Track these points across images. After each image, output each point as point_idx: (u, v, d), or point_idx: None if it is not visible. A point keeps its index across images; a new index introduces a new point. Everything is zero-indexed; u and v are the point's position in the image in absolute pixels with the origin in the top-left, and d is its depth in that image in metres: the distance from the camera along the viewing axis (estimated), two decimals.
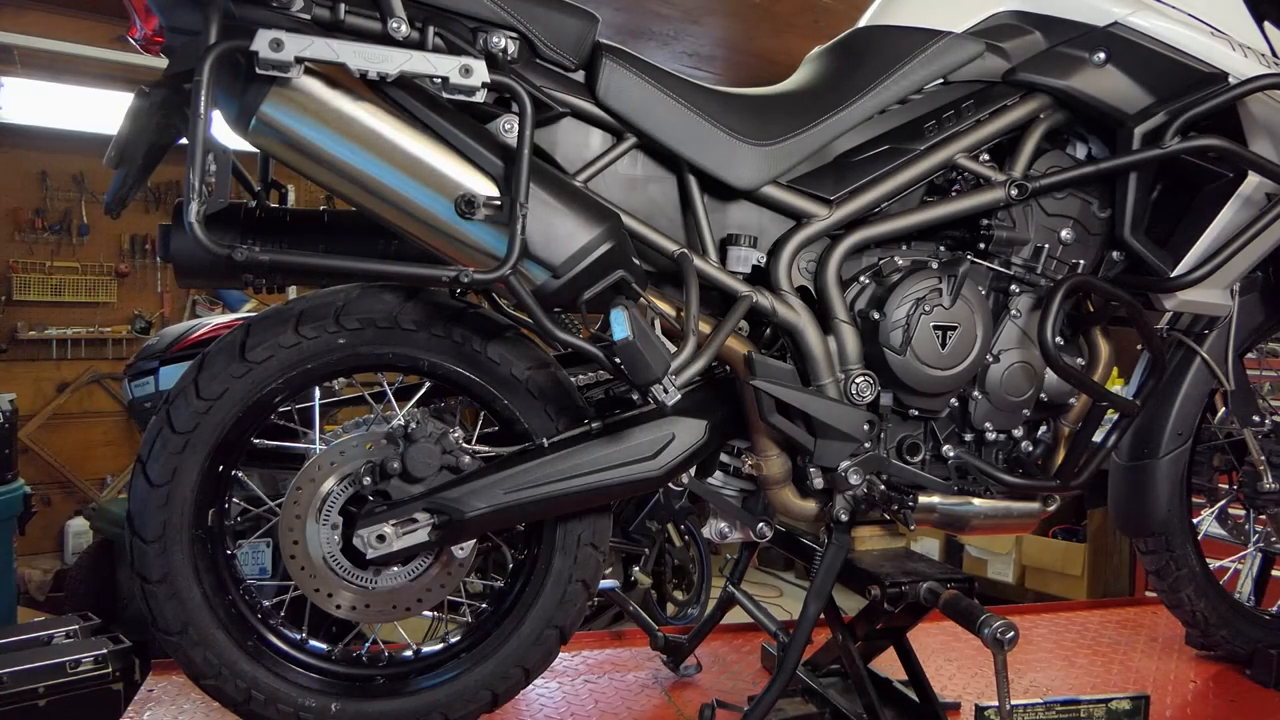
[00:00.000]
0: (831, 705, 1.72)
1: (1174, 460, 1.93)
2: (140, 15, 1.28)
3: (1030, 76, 1.60)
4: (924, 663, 1.68)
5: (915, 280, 1.54)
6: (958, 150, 1.59)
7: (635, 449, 1.48)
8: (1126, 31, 1.60)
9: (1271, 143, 1.67)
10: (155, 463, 1.40)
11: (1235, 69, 1.61)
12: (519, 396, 1.50)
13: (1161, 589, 2.06)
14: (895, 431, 1.60)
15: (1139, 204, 1.64)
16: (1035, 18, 1.62)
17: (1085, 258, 1.67)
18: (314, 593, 1.49)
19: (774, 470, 1.57)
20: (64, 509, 5.87)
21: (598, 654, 2.14)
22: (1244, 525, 2.14)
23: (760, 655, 2.09)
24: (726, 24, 5.49)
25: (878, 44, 1.61)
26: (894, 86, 1.57)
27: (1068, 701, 1.63)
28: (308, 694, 1.48)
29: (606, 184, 1.47)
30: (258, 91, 1.21)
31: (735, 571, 2.03)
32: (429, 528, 1.43)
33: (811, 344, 1.52)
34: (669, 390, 1.31)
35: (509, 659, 1.56)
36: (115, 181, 1.38)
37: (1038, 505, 1.67)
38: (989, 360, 1.61)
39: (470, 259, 1.30)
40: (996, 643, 1.41)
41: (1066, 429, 1.71)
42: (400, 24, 1.22)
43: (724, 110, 1.49)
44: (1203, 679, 2.08)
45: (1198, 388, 1.93)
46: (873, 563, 1.65)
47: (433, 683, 1.55)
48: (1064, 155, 1.67)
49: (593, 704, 1.87)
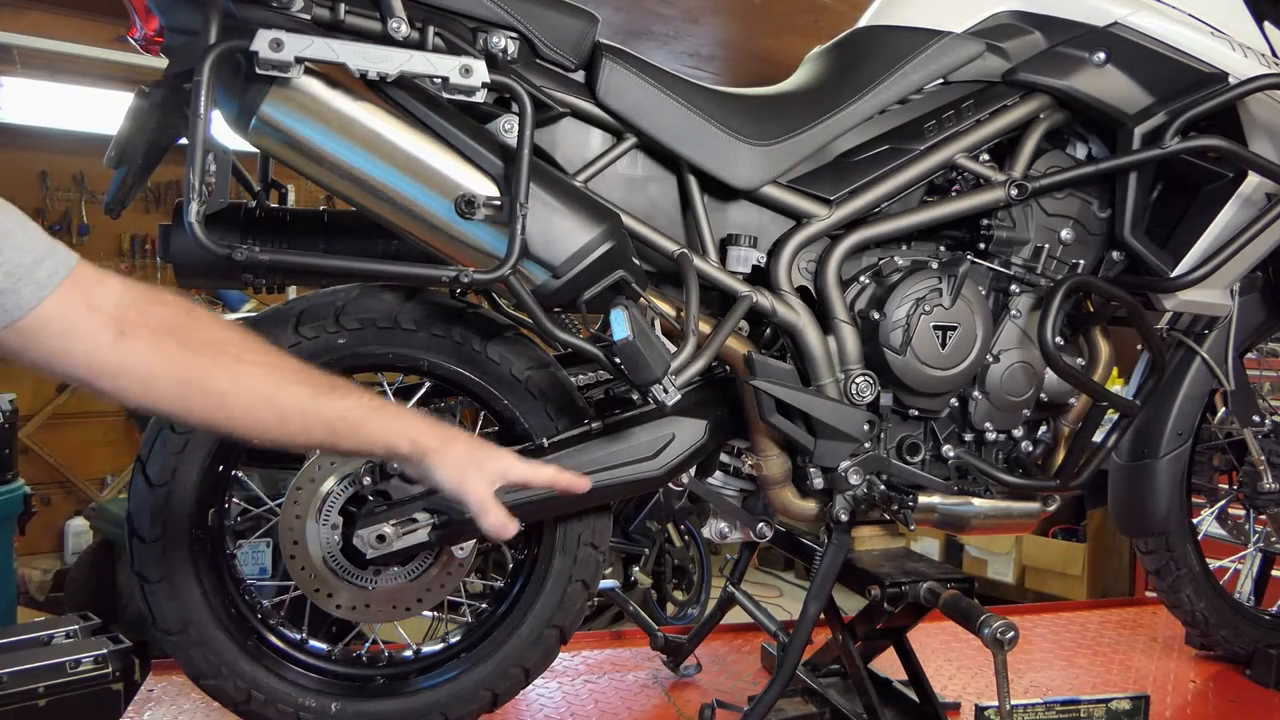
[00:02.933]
0: (831, 705, 1.72)
1: (1174, 460, 1.93)
2: (140, 15, 1.28)
3: (1030, 76, 1.60)
4: (924, 663, 1.68)
5: (915, 280, 1.54)
6: (958, 150, 1.58)
7: (635, 449, 1.48)
8: (1126, 31, 1.60)
9: (1271, 143, 1.67)
10: (155, 463, 1.40)
11: (1235, 69, 1.61)
12: (519, 396, 1.50)
13: (1161, 589, 2.06)
14: (895, 431, 1.60)
15: (1139, 204, 1.64)
16: (1035, 18, 1.62)
17: (1085, 258, 1.67)
18: (314, 593, 1.49)
19: (774, 470, 1.57)
20: (64, 509, 5.86)
21: (598, 654, 2.14)
22: (1244, 525, 2.14)
23: (760, 655, 2.09)
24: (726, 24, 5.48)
25: (878, 44, 1.61)
26: (894, 86, 1.57)
27: (1068, 701, 1.63)
28: (308, 694, 1.48)
29: (606, 184, 1.47)
30: (258, 91, 1.21)
31: (735, 571, 2.03)
32: (429, 528, 1.43)
33: (811, 344, 1.52)
34: (669, 390, 1.31)
35: (509, 659, 1.56)
36: (115, 182, 1.38)
37: (1038, 505, 1.67)
38: (989, 360, 1.61)
39: (470, 259, 1.30)
40: (996, 643, 1.41)
41: (1066, 429, 1.71)
42: (400, 24, 1.22)
43: (724, 110, 1.49)
44: (1203, 679, 2.08)
45: (1198, 388, 1.93)
46: (873, 563, 1.65)
47: (432, 683, 1.55)
48: (1064, 155, 1.67)
49: (593, 704, 1.87)
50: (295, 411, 1.09)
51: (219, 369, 1.05)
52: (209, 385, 1.04)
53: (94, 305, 0.98)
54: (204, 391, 1.04)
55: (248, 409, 1.07)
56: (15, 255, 0.93)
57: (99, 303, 0.99)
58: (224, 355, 1.06)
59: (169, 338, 1.02)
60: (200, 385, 1.04)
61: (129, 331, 1.00)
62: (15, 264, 0.93)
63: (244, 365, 1.06)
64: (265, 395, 1.07)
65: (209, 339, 1.05)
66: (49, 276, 0.95)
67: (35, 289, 0.94)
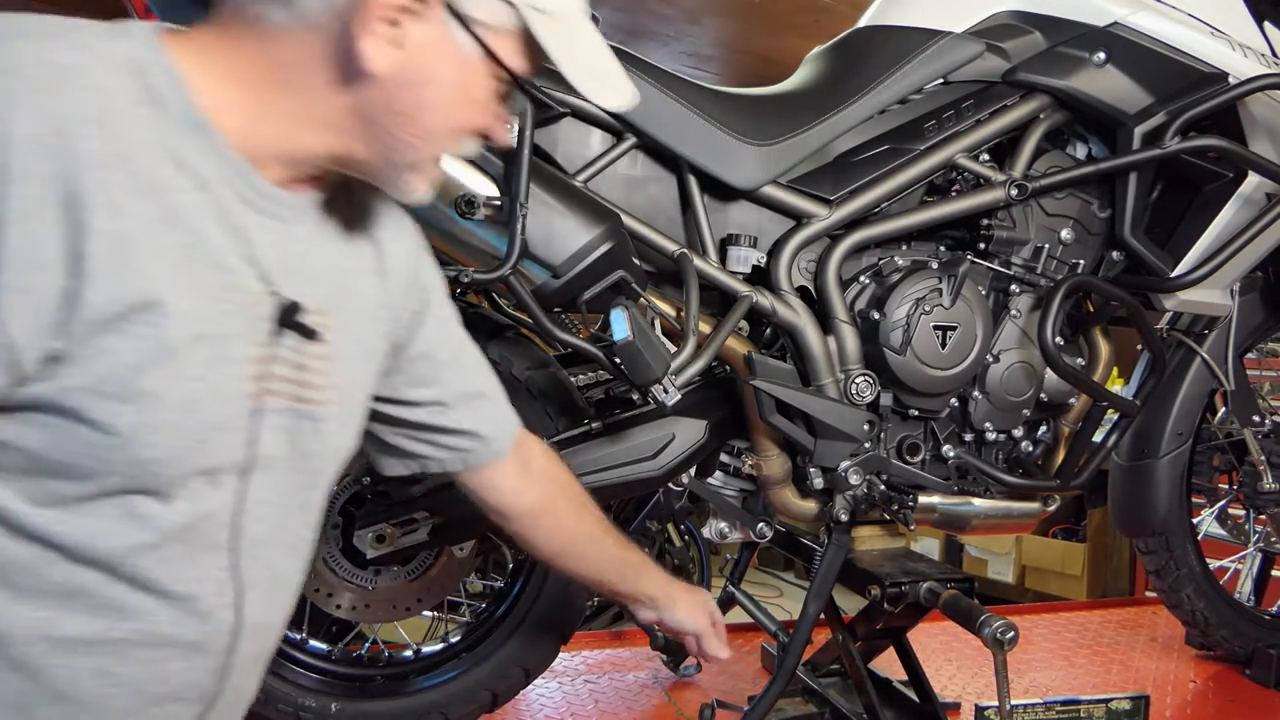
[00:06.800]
0: (831, 705, 1.72)
1: (1174, 460, 1.93)
2: (140, 15, 1.28)
3: (1030, 76, 1.60)
4: (924, 663, 1.68)
5: (915, 280, 1.53)
6: (958, 150, 1.58)
7: (635, 449, 1.48)
8: (1127, 31, 1.60)
9: (1271, 143, 1.67)
10: None
11: (1235, 69, 1.61)
12: (519, 396, 1.49)
13: (1161, 589, 2.06)
14: (895, 431, 1.60)
15: (1139, 204, 1.64)
16: (1035, 18, 1.62)
17: (1085, 258, 1.67)
18: (314, 593, 1.49)
19: (774, 470, 1.57)
20: None
21: (598, 654, 2.14)
22: (1244, 525, 2.15)
23: (760, 655, 2.09)
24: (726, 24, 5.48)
25: (878, 44, 1.61)
26: (894, 86, 1.57)
27: (1068, 701, 1.63)
28: (308, 694, 1.48)
29: (606, 184, 1.47)
30: None
31: (735, 571, 2.03)
32: (429, 528, 1.43)
33: (811, 344, 1.52)
34: (669, 390, 1.31)
35: (509, 659, 1.56)
36: None
37: (1038, 505, 1.67)
38: (989, 360, 1.61)
39: (470, 258, 1.30)
40: (996, 643, 1.41)
41: (1066, 429, 1.71)
42: None
43: (724, 110, 1.49)
44: (1203, 679, 2.08)
45: (1198, 388, 1.93)
46: (873, 563, 1.65)
47: (432, 683, 1.55)
48: (1064, 155, 1.67)
49: (593, 704, 1.87)
50: (612, 559, 1.31)
51: (590, 515, 1.27)
52: (581, 531, 1.27)
53: (526, 465, 1.20)
54: (578, 537, 1.27)
55: (594, 550, 1.30)
56: (502, 415, 1.16)
57: (525, 457, 1.20)
58: (587, 507, 1.28)
59: (559, 490, 1.24)
60: (575, 531, 1.26)
61: (537, 482, 1.21)
62: (496, 422, 1.15)
63: (592, 511, 1.28)
64: (599, 540, 1.29)
65: (577, 489, 1.27)
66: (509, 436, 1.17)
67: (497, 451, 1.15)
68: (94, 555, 0.78)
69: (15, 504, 0.76)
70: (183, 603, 0.84)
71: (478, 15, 0.83)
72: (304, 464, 0.91)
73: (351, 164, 0.87)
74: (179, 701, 0.87)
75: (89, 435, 0.75)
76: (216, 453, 0.83)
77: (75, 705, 0.80)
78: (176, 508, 0.81)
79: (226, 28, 0.80)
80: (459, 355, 1.11)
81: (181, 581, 0.83)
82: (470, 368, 1.13)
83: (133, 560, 0.80)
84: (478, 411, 1.12)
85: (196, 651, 0.86)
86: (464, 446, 1.12)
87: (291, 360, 0.87)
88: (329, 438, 0.93)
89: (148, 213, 0.74)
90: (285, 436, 0.88)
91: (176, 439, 0.79)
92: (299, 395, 0.88)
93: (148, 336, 0.75)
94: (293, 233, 0.87)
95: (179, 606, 0.83)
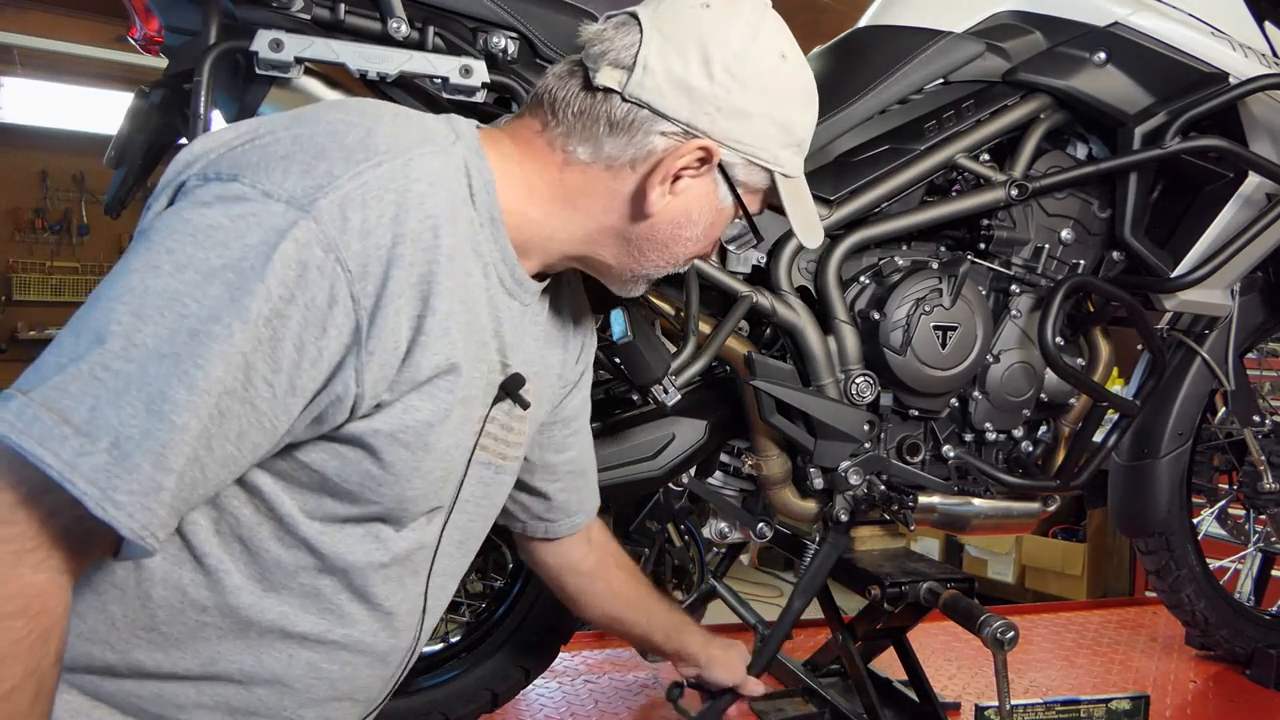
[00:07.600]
0: (831, 705, 1.72)
1: (1174, 460, 1.93)
2: (140, 15, 1.28)
3: (1030, 76, 1.60)
4: (924, 663, 1.68)
5: (915, 280, 1.53)
6: (958, 150, 1.58)
7: (635, 449, 1.48)
8: (1127, 31, 1.60)
9: (1272, 143, 1.67)
10: None
11: (1236, 69, 1.61)
12: None
13: (1161, 589, 2.06)
14: (895, 431, 1.60)
15: (1139, 204, 1.64)
16: (1035, 18, 1.62)
17: (1085, 258, 1.67)
18: None
19: (774, 470, 1.57)
20: None
21: (598, 654, 2.14)
22: (1244, 525, 2.15)
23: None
24: None
25: (878, 44, 1.61)
26: (894, 86, 1.57)
27: (1068, 701, 1.63)
28: None
29: None
30: (257, 92, 1.20)
31: (720, 566, 2.02)
32: None
33: (811, 344, 1.52)
34: (669, 390, 1.31)
35: (509, 659, 1.56)
36: (115, 182, 1.38)
37: (1038, 505, 1.67)
38: (989, 360, 1.61)
39: None
40: (996, 643, 1.41)
41: (1066, 429, 1.71)
42: (400, 24, 1.22)
43: None
44: (1203, 679, 2.08)
45: (1198, 388, 1.93)
46: (873, 563, 1.65)
47: (433, 683, 1.55)
48: (1064, 155, 1.66)
49: (593, 704, 1.87)
50: (659, 621, 1.42)
51: (638, 580, 1.40)
52: (632, 595, 1.39)
53: (588, 534, 1.32)
54: (629, 602, 1.39)
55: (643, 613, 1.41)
56: (591, 494, 1.29)
57: (589, 527, 1.32)
58: (635, 573, 1.40)
59: (612, 559, 1.37)
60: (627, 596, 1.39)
61: (595, 550, 1.34)
62: (583, 500, 1.28)
63: (639, 576, 1.41)
64: (646, 603, 1.40)
65: (625, 556, 1.40)
66: (590, 514, 1.30)
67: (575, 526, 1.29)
68: (340, 566, 0.92)
69: (293, 512, 0.89)
70: (386, 618, 0.98)
71: (741, 178, 0.99)
72: (483, 509, 1.07)
73: (592, 264, 1.03)
74: (354, 702, 1.01)
75: (373, 469, 0.88)
76: (443, 495, 0.98)
77: (284, 689, 0.93)
78: (405, 536, 0.96)
79: (531, 144, 0.96)
80: (585, 427, 1.24)
81: (391, 599, 0.98)
82: (586, 444, 1.25)
83: (365, 575, 0.94)
84: (577, 490, 1.26)
85: (381, 662, 1.00)
86: (551, 517, 1.26)
87: (502, 422, 1.02)
88: (505, 487, 1.10)
89: (459, 293, 0.89)
90: (480, 486, 1.04)
91: (429, 483, 0.93)
92: (502, 453, 1.04)
93: (443, 398, 0.90)
94: (526, 314, 1.02)
95: (382, 621, 0.98)
